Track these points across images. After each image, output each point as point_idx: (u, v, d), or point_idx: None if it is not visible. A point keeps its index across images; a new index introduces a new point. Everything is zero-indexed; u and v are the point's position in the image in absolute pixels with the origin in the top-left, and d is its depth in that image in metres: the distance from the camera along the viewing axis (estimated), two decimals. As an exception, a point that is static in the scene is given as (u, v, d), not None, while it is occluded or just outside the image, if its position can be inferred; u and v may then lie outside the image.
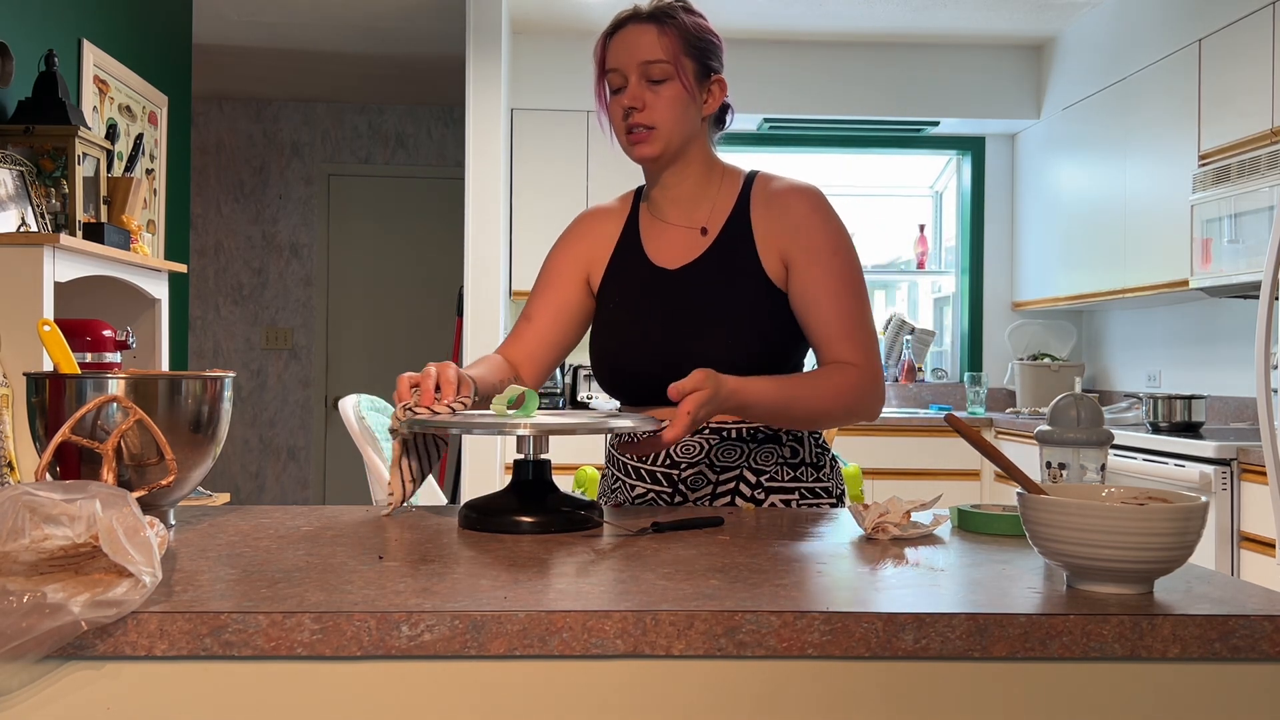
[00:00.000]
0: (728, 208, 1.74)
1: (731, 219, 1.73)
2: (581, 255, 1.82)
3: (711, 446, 1.68)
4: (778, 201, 1.72)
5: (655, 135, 1.67)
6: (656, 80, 1.66)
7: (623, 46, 1.67)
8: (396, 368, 6.71)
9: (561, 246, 1.84)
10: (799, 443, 1.72)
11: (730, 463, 1.68)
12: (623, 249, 1.80)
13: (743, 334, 1.67)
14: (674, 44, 1.66)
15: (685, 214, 1.76)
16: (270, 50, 5.69)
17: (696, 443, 1.69)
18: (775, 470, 1.70)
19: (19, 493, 0.99)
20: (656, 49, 1.65)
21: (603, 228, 1.83)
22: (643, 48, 1.66)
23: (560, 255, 1.83)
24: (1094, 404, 1.41)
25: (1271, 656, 0.99)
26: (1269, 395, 2.97)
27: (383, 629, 0.95)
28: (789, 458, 1.71)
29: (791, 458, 1.71)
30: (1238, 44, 3.70)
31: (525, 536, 1.34)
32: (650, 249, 1.77)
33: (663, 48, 1.65)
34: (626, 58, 1.66)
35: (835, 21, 5.10)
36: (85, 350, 2.72)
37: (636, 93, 1.66)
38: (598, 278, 1.81)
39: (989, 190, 5.72)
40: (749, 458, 1.69)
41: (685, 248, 1.74)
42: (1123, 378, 5.14)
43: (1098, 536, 1.03)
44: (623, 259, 1.79)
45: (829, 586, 1.09)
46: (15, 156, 2.82)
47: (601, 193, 5.16)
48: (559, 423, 1.44)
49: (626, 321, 1.74)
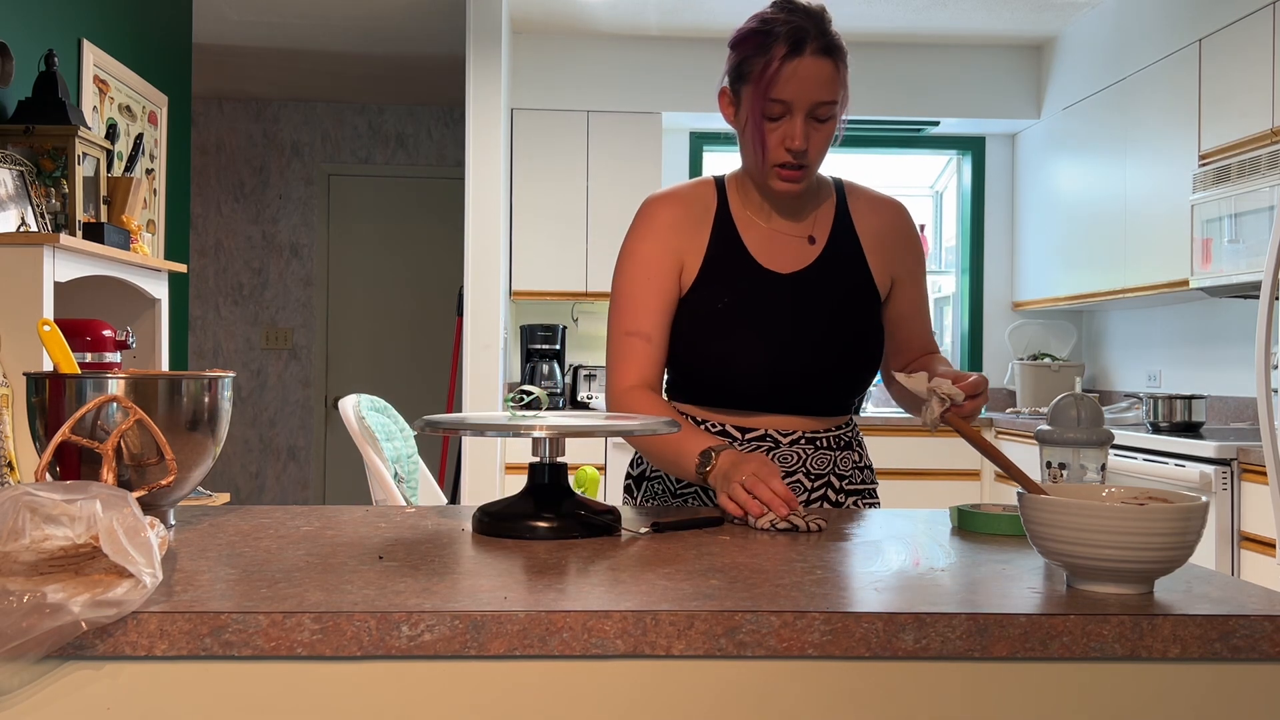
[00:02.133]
0: (830, 216, 1.74)
1: (836, 228, 1.73)
2: (674, 246, 1.68)
3: (807, 456, 1.71)
4: (883, 214, 1.76)
5: (804, 175, 1.63)
6: (821, 120, 1.60)
7: (800, 80, 1.56)
8: (396, 368, 6.72)
9: (653, 239, 1.69)
10: (862, 447, 1.81)
11: (822, 470, 1.72)
12: (720, 245, 1.69)
13: (857, 345, 1.70)
14: (843, 82, 1.61)
15: (791, 220, 1.72)
16: (270, 50, 5.69)
17: (794, 452, 1.70)
18: (852, 474, 1.76)
19: (19, 493, 0.99)
20: (833, 89, 1.59)
21: (691, 215, 1.70)
22: (821, 87, 1.58)
23: (656, 251, 1.68)
24: (1094, 404, 1.41)
25: (1271, 656, 0.99)
26: (1269, 395, 2.97)
27: (383, 629, 0.94)
28: (858, 461, 1.78)
29: (860, 461, 1.79)
30: (1238, 44, 3.70)
31: (540, 542, 1.32)
32: (755, 250, 1.70)
33: (836, 88, 1.60)
34: (802, 94, 1.57)
35: (836, 21, 5.09)
36: (85, 350, 2.72)
37: (805, 131, 1.59)
38: (693, 270, 1.69)
39: (989, 190, 5.72)
40: (835, 464, 1.74)
41: (794, 254, 1.71)
42: (1123, 378, 5.14)
43: (1098, 536, 1.03)
44: (723, 256, 1.69)
45: (829, 586, 1.09)
46: (15, 156, 2.82)
47: (601, 192, 5.17)
48: (576, 424, 1.40)
49: (743, 323, 1.67)
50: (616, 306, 1.70)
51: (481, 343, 4.65)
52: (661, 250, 1.68)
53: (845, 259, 1.72)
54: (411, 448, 3.48)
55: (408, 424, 3.53)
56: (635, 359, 1.67)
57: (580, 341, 5.57)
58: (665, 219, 1.70)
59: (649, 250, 1.69)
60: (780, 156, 1.60)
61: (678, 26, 5.20)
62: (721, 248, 1.69)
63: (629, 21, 5.12)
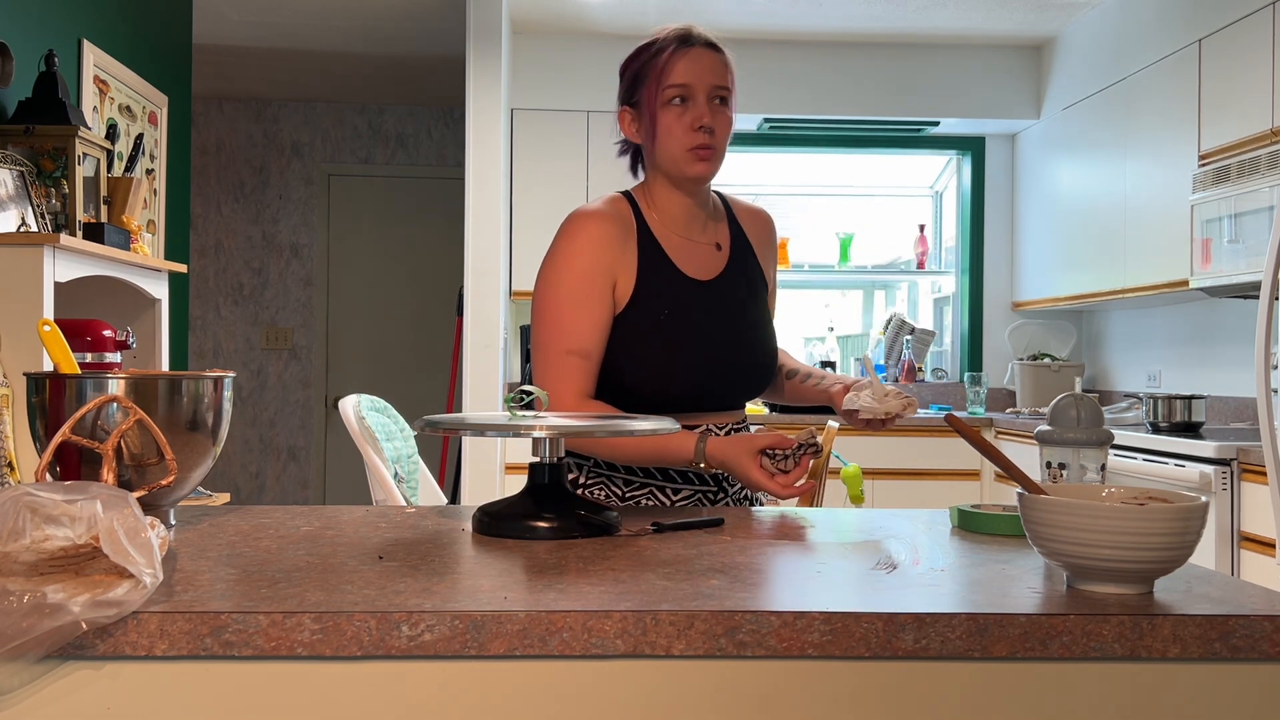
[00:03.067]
0: (725, 224, 1.86)
1: (734, 235, 1.86)
2: (608, 262, 1.72)
3: None
4: (761, 222, 1.92)
5: (715, 155, 1.73)
6: (722, 103, 1.73)
7: (694, 65, 1.71)
8: (396, 368, 6.72)
9: (588, 255, 1.71)
10: None
11: None
12: (648, 258, 1.75)
13: (770, 340, 1.86)
14: (732, 74, 1.76)
15: (700, 229, 1.82)
16: (270, 50, 5.69)
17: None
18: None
19: (20, 493, 0.99)
20: (724, 75, 1.74)
21: (618, 235, 1.74)
22: (714, 71, 1.72)
23: (591, 267, 1.71)
24: (1094, 404, 1.41)
25: (1271, 656, 0.99)
26: (1269, 395, 2.97)
27: (383, 629, 0.95)
28: None
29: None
30: (1238, 44, 3.70)
31: (540, 542, 1.32)
32: (677, 260, 1.77)
33: (728, 75, 1.75)
34: (699, 77, 1.71)
35: (835, 21, 5.10)
36: (85, 350, 2.72)
37: (709, 111, 1.71)
38: (627, 288, 1.73)
39: (989, 190, 5.72)
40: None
41: (708, 261, 1.81)
42: (1123, 378, 5.14)
43: (1098, 536, 1.03)
44: (653, 269, 1.74)
45: (829, 586, 1.09)
46: (15, 156, 2.82)
47: (602, 193, 5.13)
48: (576, 424, 1.41)
49: (682, 332, 1.73)
50: (552, 323, 1.70)
51: (481, 343, 4.65)
52: (596, 266, 1.71)
53: (746, 263, 1.85)
54: (411, 448, 3.48)
55: (408, 424, 3.53)
56: (575, 377, 1.69)
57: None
58: (598, 235, 1.73)
59: (584, 266, 1.71)
60: (693, 139, 1.70)
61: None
62: (650, 261, 1.75)
63: (629, 21, 5.12)
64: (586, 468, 1.76)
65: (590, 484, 1.75)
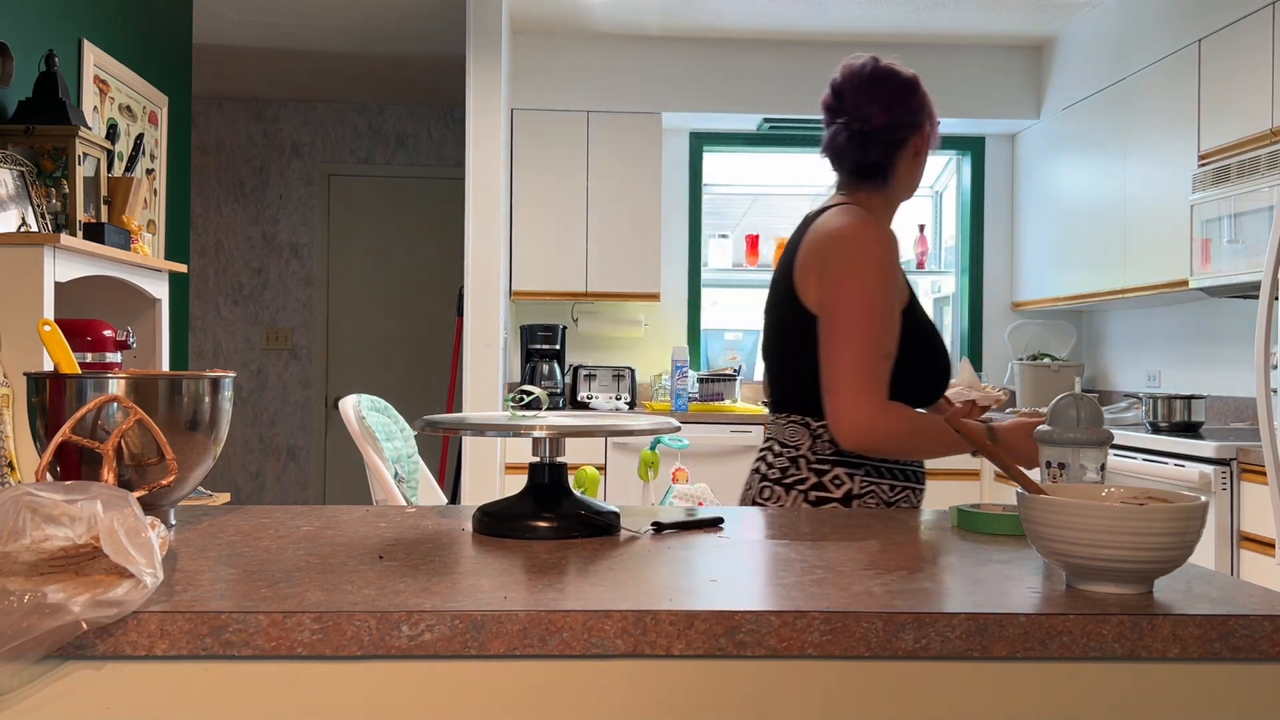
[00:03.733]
0: None
1: None
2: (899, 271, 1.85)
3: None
4: None
5: None
6: None
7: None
8: (396, 368, 6.72)
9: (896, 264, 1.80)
10: None
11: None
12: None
13: None
14: None
15: None
16: (270, 50, 5.69)
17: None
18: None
19: (20, 493, 0.99)
20: None
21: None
22: None
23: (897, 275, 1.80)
24: (1094, 404, 1.41)
25: (1271, 656, 0.99)
26: (1269, 395, 2.97)
27: (383, 629, 0.95)
28: None
29: None
30: (1238, 44, 3.70)
31: (540, 542, 1.32)
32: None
33: None
34: None
35: (835, 21, 5.10)
36: (85, 350, 2.72)
37: None
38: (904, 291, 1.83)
39: (989, 190, 5.72)
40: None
41: None
42: (1123, 378, 5.14)
43: (1098, 536, 1.03)
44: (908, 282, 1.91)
45: (829, 586, 1.09)
46: (15, 156, 2.82)
47: (601, 193, 5.17)
48: (576, 424, 1.40)
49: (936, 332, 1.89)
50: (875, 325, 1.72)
51: (481, 343, 4.65)
52: (898, 274, 1.80)
53: None
54: (412, 448, 3.48)
55: (408, 424, 3.53)
56: (885, 380, 1.71)
57: (580, 341, 5.57)
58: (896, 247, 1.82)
59: (895, 275, 1.78)
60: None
61: (678, 26, 5.20)
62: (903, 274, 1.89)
63: (629, 21, 5.12)
64: (858, 476, 1.77)
65: (862, 493, 1.77)
